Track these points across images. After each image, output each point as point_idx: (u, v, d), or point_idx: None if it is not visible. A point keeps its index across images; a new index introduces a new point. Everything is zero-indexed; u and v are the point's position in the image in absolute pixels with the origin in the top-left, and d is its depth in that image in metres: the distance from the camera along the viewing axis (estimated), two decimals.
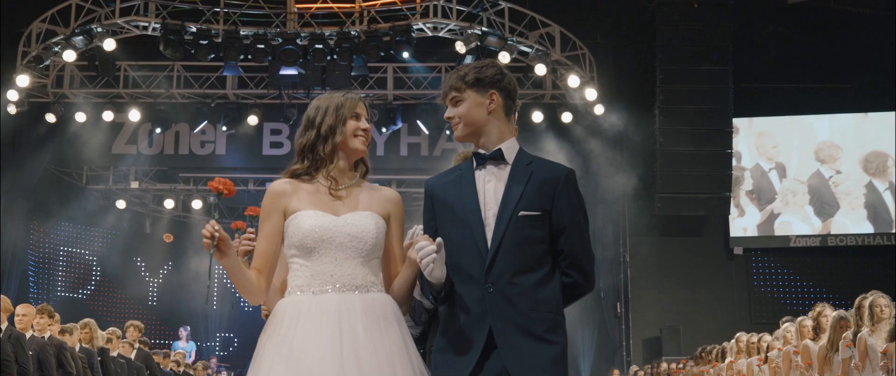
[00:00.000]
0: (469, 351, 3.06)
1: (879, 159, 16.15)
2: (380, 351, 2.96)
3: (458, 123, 3.22)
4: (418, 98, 15.96)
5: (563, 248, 3.13)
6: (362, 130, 3.21)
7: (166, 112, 15.87)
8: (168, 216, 18.22)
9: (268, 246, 3.15)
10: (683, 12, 14.93)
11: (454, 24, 14.41)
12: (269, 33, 14.42)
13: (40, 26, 14.53)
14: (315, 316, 2.99)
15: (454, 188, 3.22)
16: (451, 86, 3.24)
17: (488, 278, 3.06)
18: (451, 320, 3.12)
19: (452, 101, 3.23)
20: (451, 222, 3.17)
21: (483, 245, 3.08)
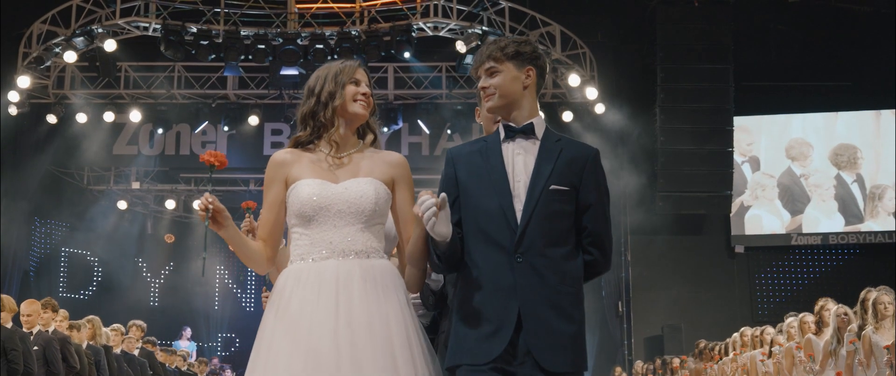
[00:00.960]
0: (500, 327, 3.03)
1: (849, 152, 16.22)
2: (375, 317, 2.97)
3: (494, 94, 3.23)
4: (419, 98, 15.96)
5: (588, 225, 3.17)
6: (362, 95, 3.23)
7: (167, 112, 15.88)
8: (169, 217, 18.23)
9: (271, 215, 3.21)
10: (684, 11, 14.93)
11: (454, 23, 14.41)
12: (270, 33, 14.42)
13: (41, 27, 14.54)
14: (314, 282, 3.03)
15: (480, 158, 3.21)
16: (489, 55, 3.24)
17: (518, 249, 3.07)
18: (472, 289, 3.10)
19: (488, 72, 3.24)
20: (478, 191, 3.16)
21: (512, 216, 3.10)
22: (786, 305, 14.89)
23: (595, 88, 14.93)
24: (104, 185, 17.26)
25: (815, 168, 16.39)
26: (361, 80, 3.26)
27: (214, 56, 14.48)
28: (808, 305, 9.17)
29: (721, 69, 14.86)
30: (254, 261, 3.19)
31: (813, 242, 16.35)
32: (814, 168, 16.40)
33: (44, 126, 15.36)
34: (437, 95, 15.92)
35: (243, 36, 14.36)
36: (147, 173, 17.36)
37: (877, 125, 16.34)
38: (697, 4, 14.78)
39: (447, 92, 15.81)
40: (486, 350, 3.02)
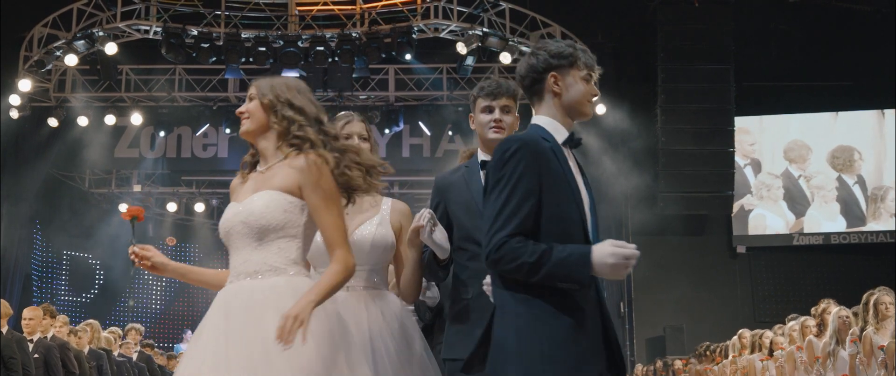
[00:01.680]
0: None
1: (846, 154, 16.20)
2: (248, 342, 2.86)
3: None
4: (420, 99, 15.96)
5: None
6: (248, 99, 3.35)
7: (168, 115, 15.88)
8: (171, 219, 18.24)
9: None
10: (684, 11, 14.93)
11: (455, 25, 14.42)
12: (271, 36, 14.43)
13: (42, 31, 14.55)
14: (214, 307, 3.04)
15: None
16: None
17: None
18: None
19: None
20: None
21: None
22: (788, 306, 14.87)
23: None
24: (105, 188, 17.27)
25: (816, 170, 16.38)
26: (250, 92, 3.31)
27: (215, 58, 14.49)
28: (810, 305, 9.17)
29: (722, 69, 14.86)
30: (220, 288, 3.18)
31: (815, 242, 16.33)
32: (814, 170, 16.39)
33: (45, 129, 15.37)
34: (438, 97, 15.92)
35: (244, 38, 14.37)
36: (148, 176, 17.38)
37: (879, 125, 16.33)
38: (698, 5, 14.77)
39: (448, 93, 15.81)
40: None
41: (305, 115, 3.11)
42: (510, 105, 3.62)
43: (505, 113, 3.61)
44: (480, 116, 3.64)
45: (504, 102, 3.61)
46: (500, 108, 3.61)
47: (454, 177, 3.68)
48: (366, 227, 3.58)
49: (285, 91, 3.21)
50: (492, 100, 3.61)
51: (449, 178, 3.71)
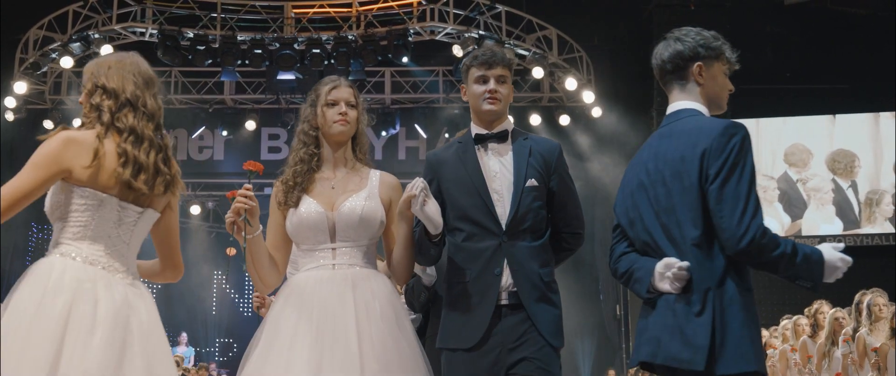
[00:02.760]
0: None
1: (847, 159, 16.20)
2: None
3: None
4: (416, 102, 15.97)
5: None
6: None
7: (164, 117, 15.81)
8: None
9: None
10: (680, 14, 14.94)
11: (451, 27, 14.42)
12: (267, 38, 14.43)
13: (38, 33, 14.53)
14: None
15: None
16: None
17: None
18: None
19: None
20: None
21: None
22: (782, 307, 14.88)
23: (592, 92, 14.94)
24: None
25: (813, 173, 16.39)
26: None
27: (211, 61, 14.49)
28: (804, 306, 9.18)
29: None
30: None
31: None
32: (812, 173, 16.40)
33: (41, 132, 15.28)
34: (435, 99, 15.93)
35: (240, 41, 14.37)
36: None
37: (876, 128, 16.35)
38: (693, 8, 14.80)
39: (444, 96, 15.81)
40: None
41: (116, 97, 3.11)
42: (506, 75, 3.46)
43: (500, 83, 3.44)
44: (474, 87, 3.46)
45: (499, 72, 3.44)
46: (495, 79, 3.43)
47: (447, 154, 3.53)
48: (354, 201, 3.41)
49: (99, 72, 3.19)
50: (486, 70, 3.44)
51: (442, 155, 3.56)
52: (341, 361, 3.11)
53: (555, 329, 3.31)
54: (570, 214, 3.47)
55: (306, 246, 3.40)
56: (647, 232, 2.90)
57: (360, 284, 3.31)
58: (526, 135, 3.51)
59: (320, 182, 3.46)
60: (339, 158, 3.51)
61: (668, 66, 3.06)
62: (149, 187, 3.00)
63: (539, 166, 3.40)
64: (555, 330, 3.31)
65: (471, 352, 3.26)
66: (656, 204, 2.88)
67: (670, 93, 3.05)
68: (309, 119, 3.51)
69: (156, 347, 3.01)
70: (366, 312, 3.24)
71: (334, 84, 3.51)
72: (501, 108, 3.44)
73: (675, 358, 2.76)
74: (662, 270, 2.79)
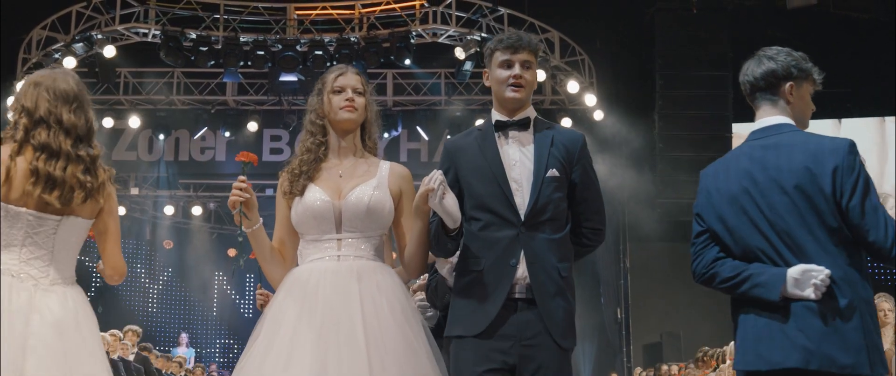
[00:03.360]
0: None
1: None
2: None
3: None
4: (418, 104, 15.98)
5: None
6: None
7: (166, 118, 15.89)
8: (168, 222, 18.22)
9: None
10: (683, 18, 14.96)
11: (453, 30, 14.43)
12: (269, 40, 14.44)
13: (41, 33, 14.55)
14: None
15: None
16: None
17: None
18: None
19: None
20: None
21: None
22: None
23: (594, 95, 14.94)
24: None
25: None
26: None
27: (214, 62, 14.50)
28: None
29: (720, 76, 14.86)
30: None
31: None
32: None
33: None
34: (436, 102, 15.94)
35: (242, 42, 14.38)
36: (146, 179, 17.36)
37: (880, 132, 16.35)
38: (695, 11, 14.80)
39: (446, 98, 15.82)
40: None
41: (30, 115, 3.25)
42: (531, 61, 3.32)
43: (525, 69, 3.30)
44: (498, 72, 3.31)
45: (525, 57, 3.30)
46: (520, 64, 3.29)
47: (466, 141, 3.39)
48: (361, 190, 3.29)
49: (21, 92, 3.37)
50: (512, 54, 3.29)
51: (460, 142, 3.41)
52: (348, 361, 3.00)
53: (566, 328, 3.24)
54: (591, 209, 3.36)
55: (311, 236, 3.30)
56: (763, 238, 2.97)
57: (365, 277, 3.19)
58: (549, 125, 3.40)
59: (327, 170, 3.36)
60: (346, 147, 3.40)
61: (760, 82, 3.13)
62: (64, 201, 3.16)
63: (561, 156, 3.29)
64: (566, 329, 3.24)
65: (479, 338, 3.15)
66: (770, 211, 2.96)
67: (759, 108, 3.15)
68: (315, 108, 3.42)
69: (72, 343, 3.12)
70: (373, 307, 3.12)
71: (341, 71, 3.44)
72: (525, 95, 3.31)
73: (836, 363, 2.82)
74: (799, 276, 2.87)
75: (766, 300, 2.92)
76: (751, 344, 3.03)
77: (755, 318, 3.00)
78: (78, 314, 3.21)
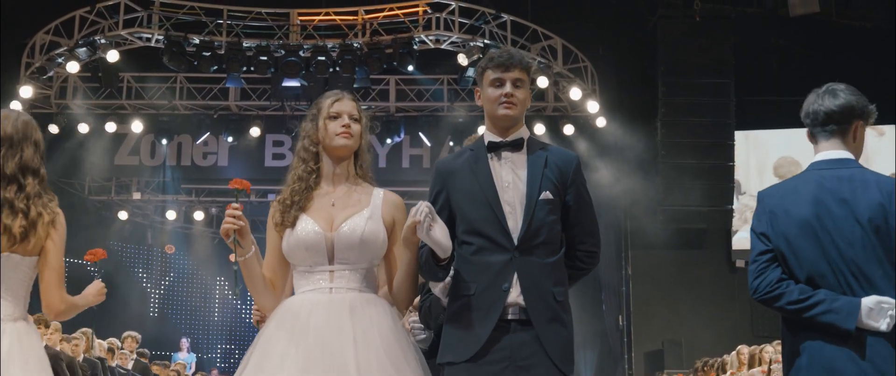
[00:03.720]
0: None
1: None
2: None
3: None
4: (421, 110, 15.98)
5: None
6: None
7: (169, 123, 15.90)
8: (170, 227, 18.23)
9: None
10: (685, 25, 14.96)
11: (456, 36, 14.44)
12: (272, 45, 14.45)
13: (44, 38, 14.57)
14: None
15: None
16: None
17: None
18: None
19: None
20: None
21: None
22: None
23: (596, 102, 14.95)
24: (105, 196, 17.25)
25: None
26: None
27: (217, 67, 14.52)
28: None
29: (722, 83, 14.87)
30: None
31: None
32: None
33: (45, 136, 15.25)
34: (439, 108, 15.94)
35: (245, 47, 14.39)
36: (148, 184, 17.37)
37: (878, 141, 16.33)
38: (698, 19, 14.80)
39: (449, 104, 15.83)
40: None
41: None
42: (523, 79, 3.24)
43: (517, 87, 3.22)
44: (489, 90, 3.25)
45: (516, 75, 3.23)
46: (511, 82, 3.21)
47: (457, 163, 3.31)
48: (355, 220, 3.21)
49: None
50: (503, 72, 3.22)
51: (451, 164, 3.32)
52: None
53: (564, 353, 3.12)
54: (585, 231, 3.28)
55: (302, 267, 3.23)
56: (831, 265, 3.02)
57: (358, 310, 3.11)
58: (543, 145, 3.33)
59: (319, 199, 3.28)
60: (339, 174, 3.33)
61: (836, 115, 3.23)
62: None
63: (555, 178, 3.22)
64: (564, 354, 3.12)
65: (471, 363, 3.07)
66: (842, 240, 3.01)
67: (825, 139, 3.25)
68: (309, 134, 3.34)
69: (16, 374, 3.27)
70: (365, 342, 3.04)
71: (337, 97, 3.37)
72: (517, 114, 3.24)
73: None
74: (873, 306, 2.93)
75: (839, 327, 2.95)
76: (819, 372, 3.03)
77: (823, 345, 3.01)
78: (24, 349, 3.32)
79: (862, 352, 2.92)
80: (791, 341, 3.11)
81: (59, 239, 3.45)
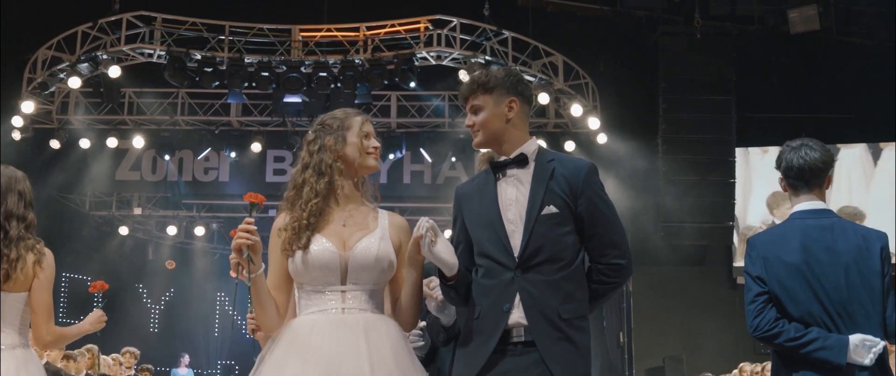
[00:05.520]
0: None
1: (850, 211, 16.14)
2: None
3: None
4: (422, 126, 16.00)
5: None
6: None
7: (170, 139, 15.91)
8: (170, 242, 18.21)
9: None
10: (686, 42, 14.99)
11: (458, 52, 14.47)
12: (274, 61, 14.48)
13: (46, 53, 14.60)
14: None
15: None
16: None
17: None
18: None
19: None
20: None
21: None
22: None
23: (597, 118, 14.96)
24: (106, 211, 17.25)
25: None
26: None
27: (218, 83, 14.54)
28: None
29: (723, 100, 14.89)
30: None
31: None
32: None
33: (47, 151, 15.38)
34: (440, 124, 15.96)
35: (247, 63, 14.42)
36: (149, 199, 17.37)
37: (878, 158, 16.32)
38: (700, 36, 14.83)
39: (450, 120, 15.85)
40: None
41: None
42: (478, 104, 3.22)
43: (475, 113, 3.23)
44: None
45: (472, 103, 3.24)
46: (470, 110, 3.26)
47: (470, 187, 3.31)
48: (368, 241, 3.18)
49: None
50: (464, 103, 3.28)
51: (465, 189, 3.33)
52: None
53: (573, 373, 3.05)
54: (604, 242, 3.17)
55: (312, 287, 3.17)
56: (821, 306, 3.39)
57: (371, 331, 3.08)
58: (552, 156, 3.24)
59: (330, 218, 3.22)
60: (350, 194, 3.28)
61: (819, 167, 3.56)
62: None
63: (561, 190, 3.12)
64: (573, 372, 3.05)
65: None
66: (828, 284, 3.39)
67: (812, 190, 3.57)
68: (332, 148, 3.26)
69: None
70: (380, 363, 3.01)
71: (366, 117, 3.35)
72: (482, 139, 3.22)
73: None
74: (859, 343, 3.32)
75: (830, 362, 3.33)
76: None
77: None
78: (19, 372, 3.74)
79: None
80: (784, 373, 3.51)
81: (45, 277, 3.94)
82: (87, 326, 4.17)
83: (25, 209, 3.91)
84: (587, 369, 3.12)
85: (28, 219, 3.91)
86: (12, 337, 3.81)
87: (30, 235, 3.90)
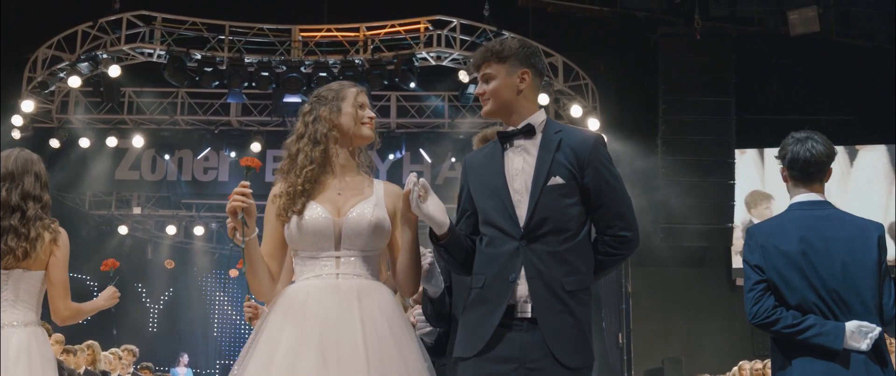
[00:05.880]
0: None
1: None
2: None
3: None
4: (421, 126, 16.01)
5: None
6: None
7: (170, 138, 15.92)
8: (170, 242, 18.21)
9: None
10: (686, 43, 14.98)
11: (457, 53, 14.48)
12: (274, 61, 14.49)
13: (46, 52, 14.61)
14: None
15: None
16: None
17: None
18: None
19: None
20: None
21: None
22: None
23: (597, 119, 14.96)
24: (105, 210, 17.25)
25: None
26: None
27: (218, 83, 14.54)
28: None
29: (723, 102, 14.89)
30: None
31: None
32: None
33: (46, 150, 15.35)
34: (440, 124, 15.97)
35: (247, 63, 14.43)
36: (148, 198, 17.37)
37: (878, 160, 16.33)
38: (699, 37, 14.83)
39: (449, 121, 15.85)
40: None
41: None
42: (490, 72, 3.26)
43: (486, 81, 3.26)
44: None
45: (483, 71, 3.28)
46: (481, 79, 3.29)
47: (478, 157, 3.34)
48: (363, 207, 3.24)
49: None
50: (476, 71, 3.33)
51: (473, 158, 3.36)
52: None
53: (574, 346, 3.05)
54: (610, 213, 3.16)
55: (307, 253, 3.22)
56: (816, 294, 3.47)
57: (365, 297, 3.12)
58: (560, 128, 3.26)
59: (325, 186, 3.29)
60: (347, 163, 3.35)
61: (824, 160, 3.70)
62: (5, 261, 3.95)
63: (568, 161, 3.12)
64: (574, 347, 3.04)
65: (479, 358, 3.04)
66: (825, 272, 3.47)
67: (814, 182, 3.67)
68: (327, 117, 3.34)
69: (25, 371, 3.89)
70: (373, 327, 3.05)
71: (361, 88, 3.45)
72: (492, 107, 3.24)
73: None
74: (855, 330, 3.40)
75: (827, 348, 3.41)
76: None
77: (814, 361, 3.46)
78: (31, 350, 3.94)
79: (846, 368, 3.40)
80: (782, 359, 3.58)
81: (61, 255, 4.04)
82: (101, 302, 4.27)
83: (41, 190, 4.08)
84: (586, 341, 3.12)
85: (44, 200, 4.08)
86: (27, 315, 4.00)
87: (45, 215, 4.06)
